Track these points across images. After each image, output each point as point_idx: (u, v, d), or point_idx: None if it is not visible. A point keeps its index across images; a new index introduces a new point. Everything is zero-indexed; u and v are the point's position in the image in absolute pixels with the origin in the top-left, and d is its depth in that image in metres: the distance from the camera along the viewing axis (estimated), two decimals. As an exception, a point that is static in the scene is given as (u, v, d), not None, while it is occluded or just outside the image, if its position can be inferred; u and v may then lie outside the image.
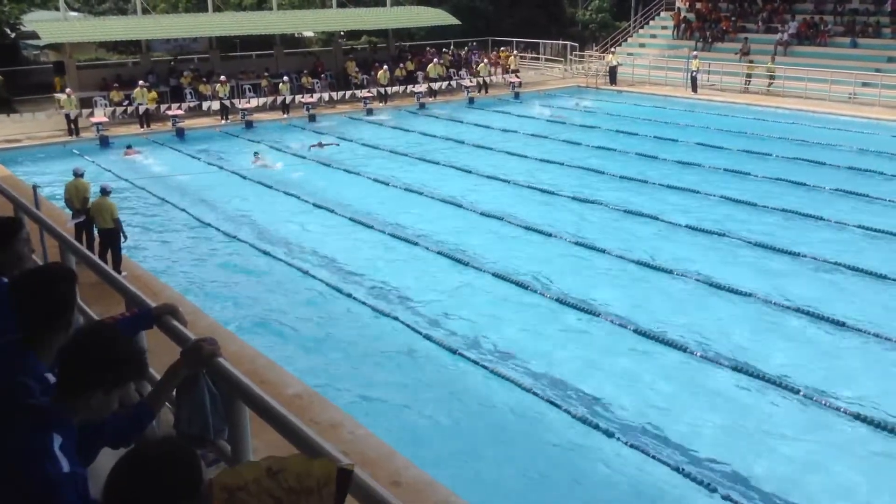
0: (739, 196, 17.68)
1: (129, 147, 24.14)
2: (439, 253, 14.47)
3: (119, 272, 11.03)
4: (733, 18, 38.06)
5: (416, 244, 15.03)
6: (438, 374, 10.10)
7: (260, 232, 16.10)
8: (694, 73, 32.31)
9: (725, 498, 7.47)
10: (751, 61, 32.56)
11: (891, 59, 30.17)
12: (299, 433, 3.01)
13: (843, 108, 27.95)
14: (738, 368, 9.95)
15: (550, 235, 15.42)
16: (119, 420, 3.09)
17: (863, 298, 12.23)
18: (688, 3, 40.72)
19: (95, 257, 6.81)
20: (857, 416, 8.87)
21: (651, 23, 42.17)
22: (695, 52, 33.88)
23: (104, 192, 13.06)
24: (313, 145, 24.39)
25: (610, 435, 8.48)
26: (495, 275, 13.26)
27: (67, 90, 26.13)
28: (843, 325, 11.13)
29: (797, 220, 16.09)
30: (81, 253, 6.54)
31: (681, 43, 37.88)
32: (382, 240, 15.51)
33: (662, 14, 42.03)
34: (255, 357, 8.32)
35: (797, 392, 9.33)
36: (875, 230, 15.21)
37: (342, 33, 39.32)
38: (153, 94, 27.69)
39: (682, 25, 39.11)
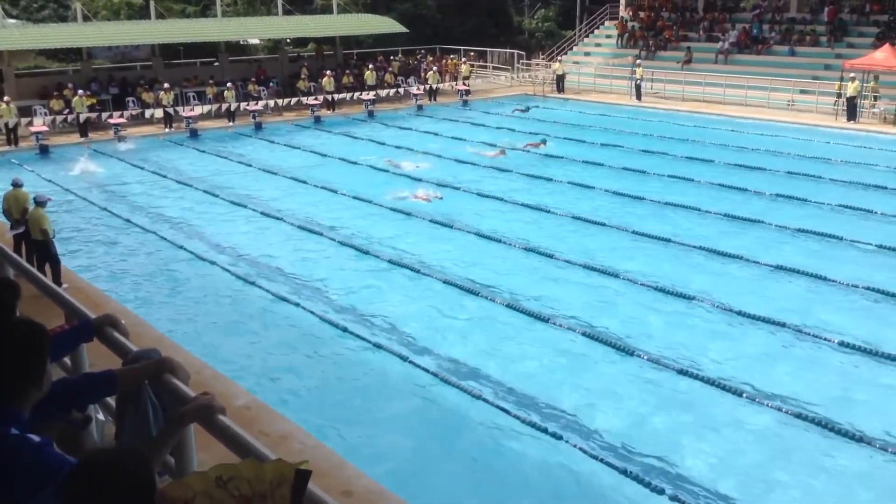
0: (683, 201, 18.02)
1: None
2: (376, 256, 14.50)
3: (59, 284, 10.80)
4: (675, 28, 38.82)
5: (367, 252, 15.02)
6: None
7: (206, 241, 15.87)
8: (638, 82, 32.85)
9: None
10: (841, 78, 28.05)
11: (828, 67, 31.05)
12: (247, 445, 2.97)
13: (782, 115, 28.69)
14: (683, 371, 10.12)
15: (500, 242, 15.55)
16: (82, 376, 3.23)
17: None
18: (631, 13, 41.43)
19: (35, 269, 6.65)
20: (782, 409, 9.14)
21: (596, 31, 42.81)
22: (638, 61, 34.47)
23: (37, 202, 12.71)
24: (416, 195, 18.80)
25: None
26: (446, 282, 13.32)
27: (6, 98, 25.57)
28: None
29: (738, 224, 16.45)
30: (20, 265, 6.39)
31: (625, 51, 38.56)
32: (332, 247, 15.46)
33: (607, 23, 42.68)
34: (201, 368, 8.17)
35: (740, 394, 9.55)
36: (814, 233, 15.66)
37: (288, 40, 39.04)
38: (91, 99, 27.24)
39: (626, 34, 39.77)
